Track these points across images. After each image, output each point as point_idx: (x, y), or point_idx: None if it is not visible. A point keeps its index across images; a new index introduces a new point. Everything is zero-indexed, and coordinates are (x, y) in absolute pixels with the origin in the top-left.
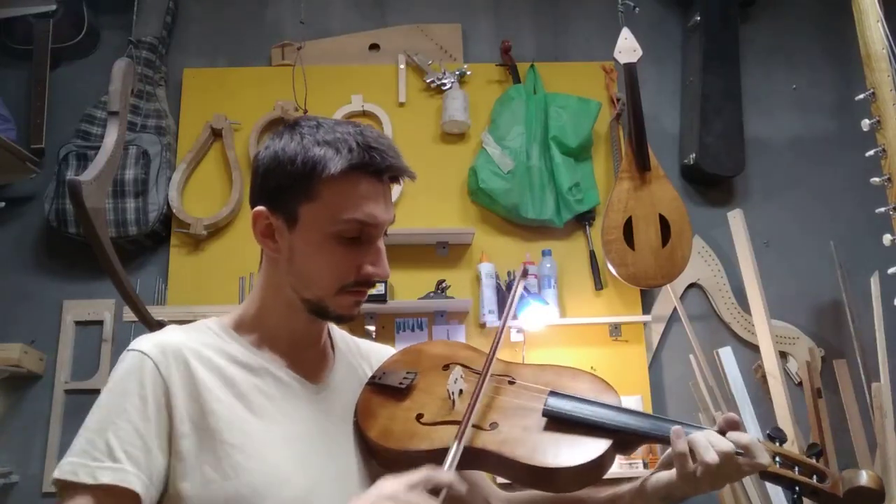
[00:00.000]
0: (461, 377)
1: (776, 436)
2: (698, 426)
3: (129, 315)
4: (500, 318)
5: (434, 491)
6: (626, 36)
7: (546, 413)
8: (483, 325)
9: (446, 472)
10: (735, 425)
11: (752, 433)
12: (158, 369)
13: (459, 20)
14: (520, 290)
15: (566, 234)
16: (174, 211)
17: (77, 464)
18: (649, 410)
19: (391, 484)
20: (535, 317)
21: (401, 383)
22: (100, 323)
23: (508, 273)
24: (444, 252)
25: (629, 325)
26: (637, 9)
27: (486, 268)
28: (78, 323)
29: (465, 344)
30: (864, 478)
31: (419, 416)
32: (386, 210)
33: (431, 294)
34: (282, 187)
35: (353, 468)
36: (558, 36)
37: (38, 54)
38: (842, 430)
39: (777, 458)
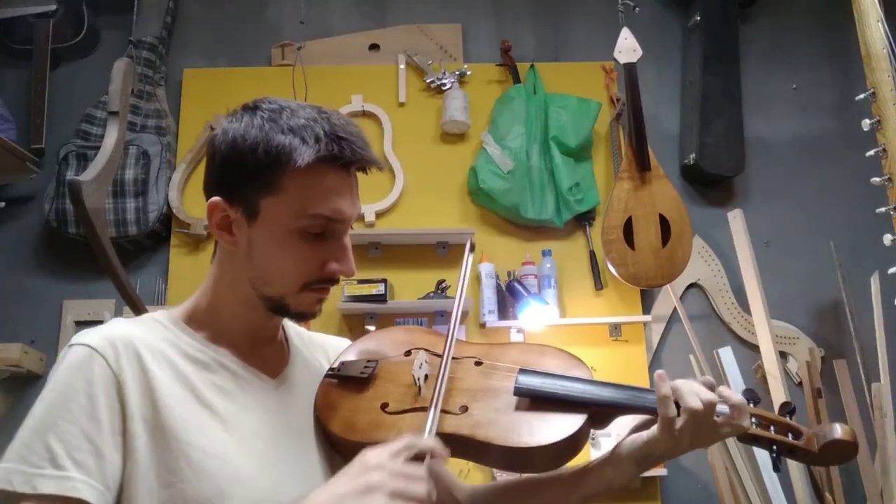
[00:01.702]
0: (426, 362)
1: (750, 397)
2: None
3: (129, 315)
4: (499, 317)
5: (418, 457)
6: (626, 36)
7: (517, 391)
8: (483, 325)
9: (428, 438)
10: (712, 387)
11: None
12: (108, 364)
13: (459, 20)
14: (469, 261)
15: (566, 234)
16: (174, 211)
17: (12, 470)
18: None
19: (375, 454)
20: (535, 317)
21: (362, 373)
22: (100, 323)
23: (508, 273)
24: (444, 252)
25: (629, 325)
26: (637, 9)
27: (486, 268)
28: (78, 323)
29: (426, 328)
30: (839, 431)
31: (384, 406)
32: (352, 204)
33: (431, 294)
34: (241, 178)
35: (317, 463)
36: (558, 36)
37: (38, 54)
38: None
39: (753, 420)
